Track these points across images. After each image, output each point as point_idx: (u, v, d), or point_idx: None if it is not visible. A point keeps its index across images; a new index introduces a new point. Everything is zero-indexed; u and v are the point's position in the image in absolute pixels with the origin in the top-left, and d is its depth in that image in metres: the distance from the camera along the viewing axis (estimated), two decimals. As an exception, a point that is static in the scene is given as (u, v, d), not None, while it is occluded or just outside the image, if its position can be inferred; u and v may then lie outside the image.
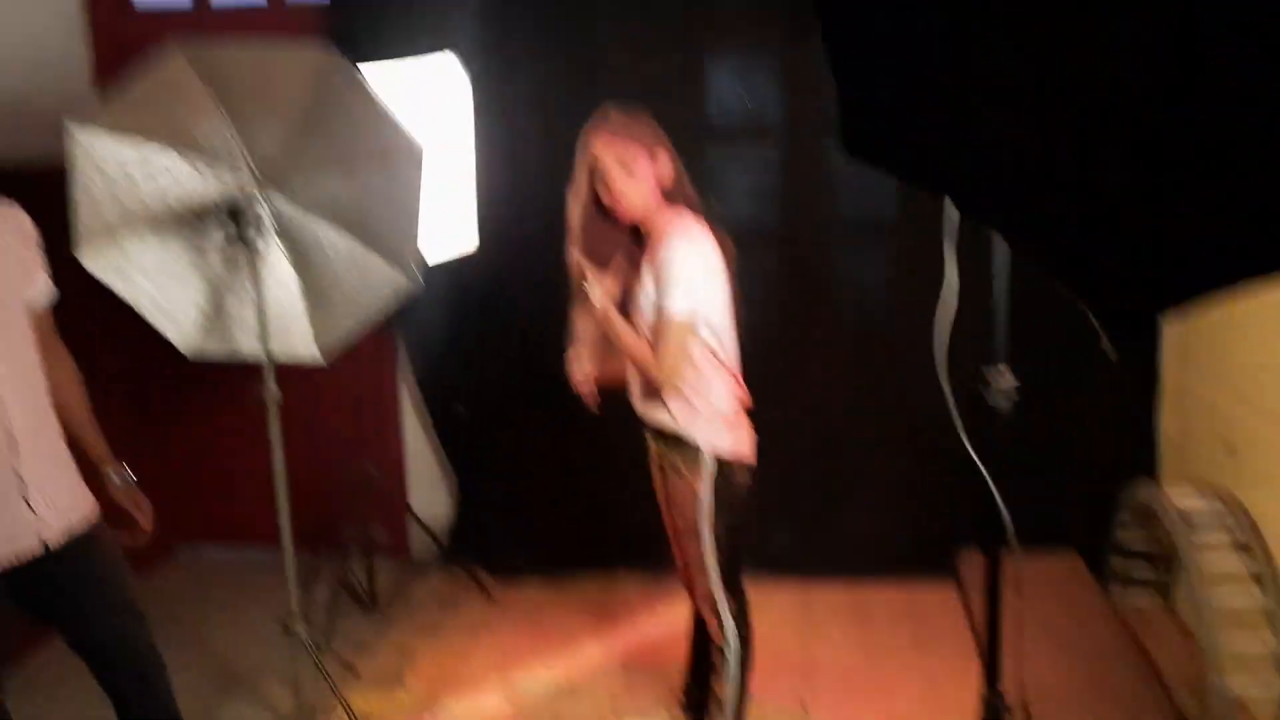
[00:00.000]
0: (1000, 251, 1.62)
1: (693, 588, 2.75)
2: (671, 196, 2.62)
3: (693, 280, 2.51)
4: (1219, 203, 0.81)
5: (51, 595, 2.29)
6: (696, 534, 2.64)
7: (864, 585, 4.01)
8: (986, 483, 3.72)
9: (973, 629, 3.60)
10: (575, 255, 2.72)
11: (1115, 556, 3.71)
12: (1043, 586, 2.83)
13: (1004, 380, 1.66)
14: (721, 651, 2.70)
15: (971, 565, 3.90)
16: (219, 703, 3.36)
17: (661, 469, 2.75)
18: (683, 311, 2.50)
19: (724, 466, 2.62)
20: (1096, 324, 0.89)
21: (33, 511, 2.20)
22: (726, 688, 2.72)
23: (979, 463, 1.61)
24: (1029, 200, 0.96)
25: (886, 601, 3.90)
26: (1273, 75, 0.74)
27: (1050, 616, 3.22)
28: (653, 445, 2.76)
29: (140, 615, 2.44)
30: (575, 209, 2.68)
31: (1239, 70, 0.75)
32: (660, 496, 2.81)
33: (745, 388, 2.72)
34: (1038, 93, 0.85)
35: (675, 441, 2.64)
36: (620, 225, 2.66)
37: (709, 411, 2.62)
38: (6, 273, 2.20)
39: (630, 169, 2.55)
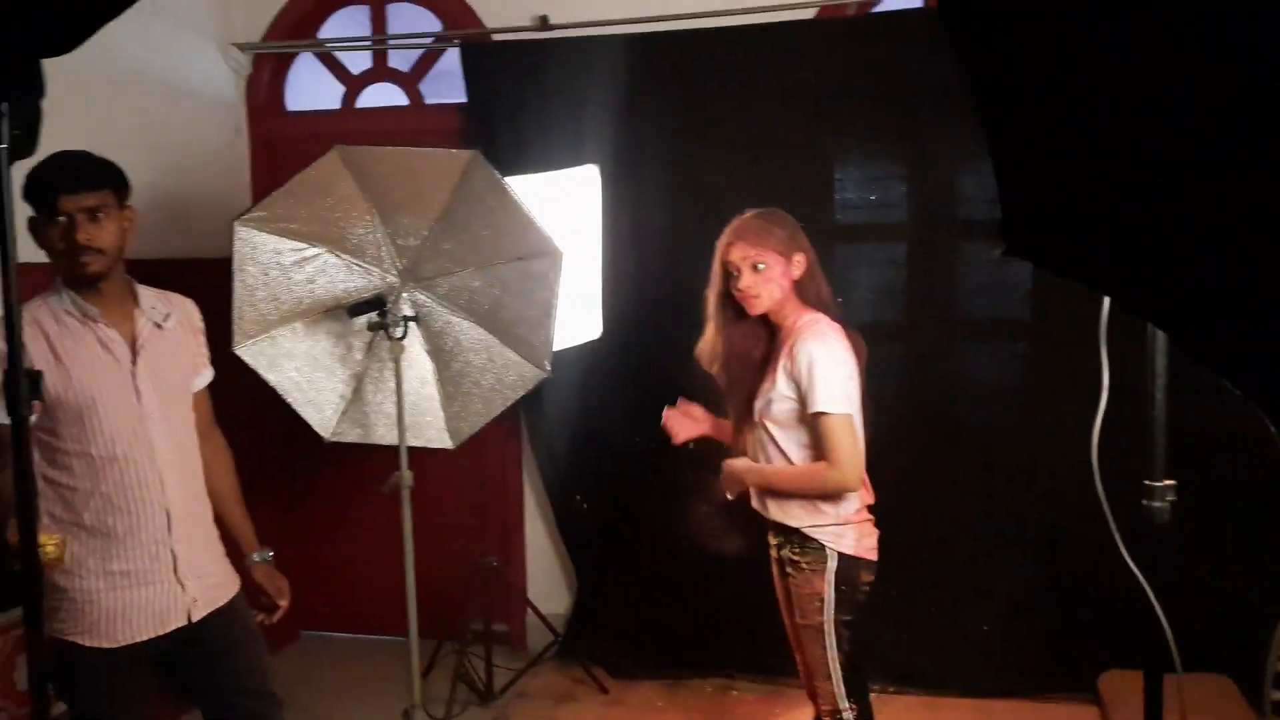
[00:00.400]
0: (1160, 353, 1.57)
1: (814, 693, 2.68)
2: (805, 297, 2.65)
3: (841, 378, 2.54)
4: None
5: (192, 667, 2.38)
6: (819, 633, 2.59)
7: (995, 704, 3.83)
8: (1144, 596, 3.57)
9: (1115, 754, 3.39)
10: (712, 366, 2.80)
11: (1271, 686, 3.46)
12: (1195, 710, 2.66)
13: (1164, 491, 1.59)
14: None
15: (1114, 686, 3.69)
16: (338, 788, 3.38)
17: (781, 565, 2.72)
18: (843, 409, 2.52)
19: (847, 563, 2.58)
20: (1275, 430, 0.86)
21: (181, 586, 2.29)
22: None
23: (1139, 575, 1.53)
24: (1201, 297, 0.94)
25: (1020, 720, 3.72)
26: None
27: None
28: (773, 541, 2.73)
29: (275, 699, 2.50)
30: (711, 301, 2.74)
31: None
32: (780, 595, 2.77)
33: (870, 485, 2.69)
34: (1212, 188, 0.84)
35: (798, 537, 2.62)
36: (750, 320, 2.70)
37: (833, 508, 2.60)
38: (179, 361, 2.35)
39: (760, 267, 2.60)
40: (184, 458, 2.33)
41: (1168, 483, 1.60)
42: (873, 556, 2.65)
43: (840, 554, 2.57)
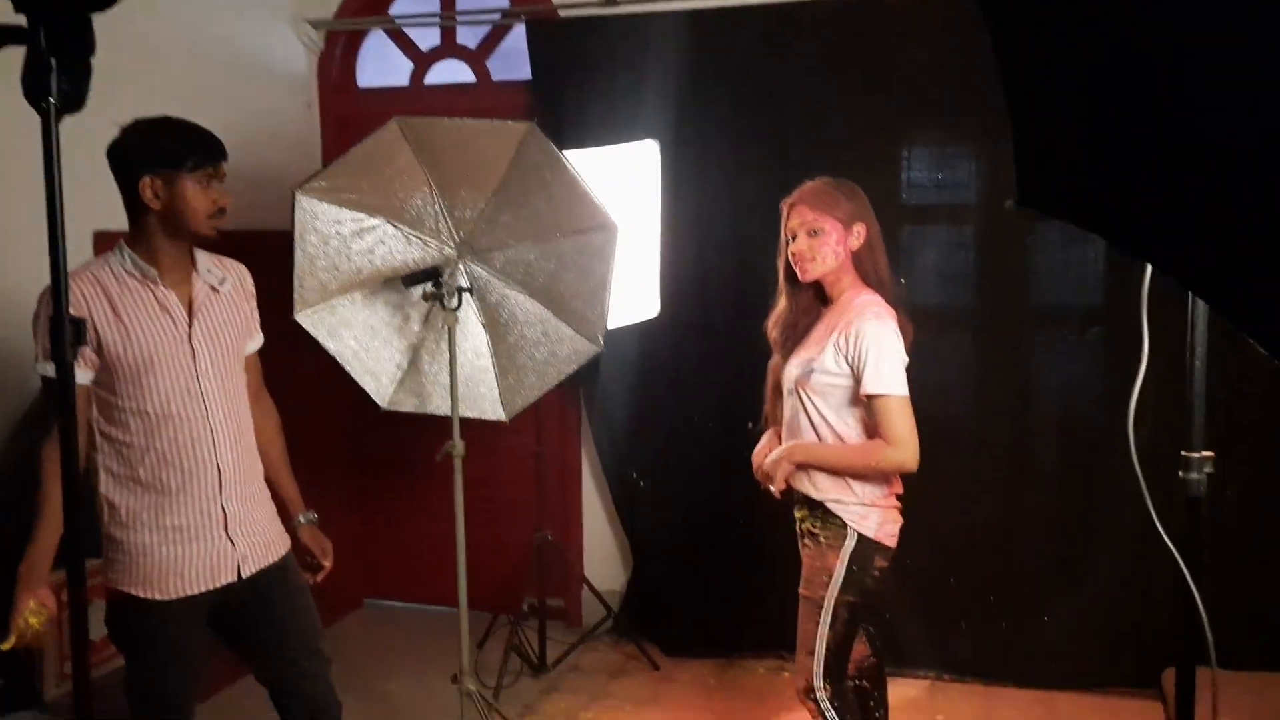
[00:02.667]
0: (1200, 320, 1.51)
1: (797, 672, 2.65)
2: (863, 271, 2.62)
3: (899, 361, 2.52)
4: None
5: (243, 623, 2.44)
6: (818, 607, 2.57)
7: (1055, 695, 3.74)
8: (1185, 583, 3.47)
9: (1176, 752, 3.28)
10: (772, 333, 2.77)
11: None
12: (1243, 705, 2.56)
13: (1202, 463, 1.53)
14: None
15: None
16: (390, 751, 3.45)
17: (801, 537, 2.70)
18: (902, 391, 2.50)
19: (865, 545, 2.56)
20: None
21: (231, 543, 2.36)
22: None
23: (1174, 551, 1.47)
24: (1233, 259, 0.90)
25: (1079, 713, 3.63)
26: None
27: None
28: (798, 514, 2.71)
29: (324, 656, 2.55)
30: (780, 270, 2.73)
31: None
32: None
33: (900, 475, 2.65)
34: (1248, 144, 0.79)
35: (822, 511, 2.60)
36: (806, 288, 2.69)
37: (861, 489, 2.57)
38: (233, 324, 2.41)
39: (816, 231, 2.57)
40: (236, 418, 2.39)
41: (1205, 454, 1.53)
42: (891, 544, 2.61)
43: (860, 535, 2.56)
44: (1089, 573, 3.76)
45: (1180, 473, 1.56)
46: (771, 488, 2.65)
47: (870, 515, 2.57)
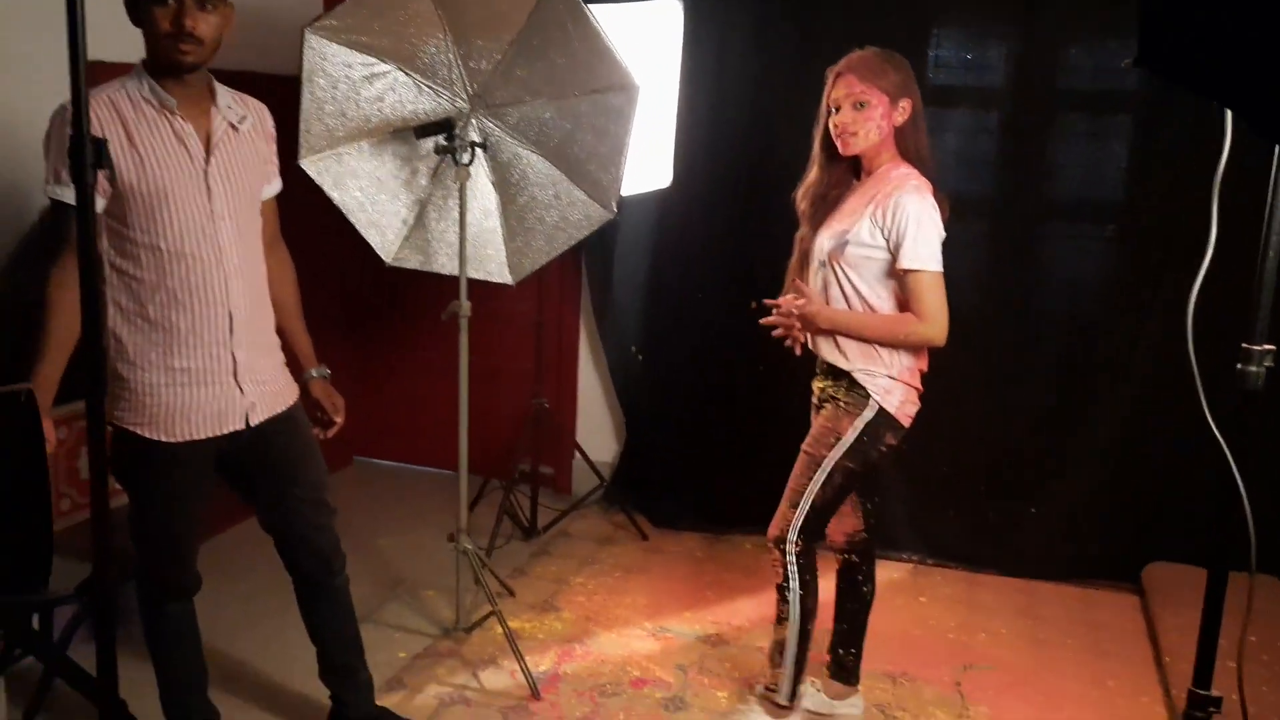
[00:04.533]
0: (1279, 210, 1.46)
1: (774, 521, 2.69)
2: (904, 147, 2.56)
3: (936, 237, 2.48)
4: None
5: (250, 471, 2.41)
6: (816, 464, 2.60)
7: (1037, 585, 3.83)
8: (1199, 490, 3.48)
9: (1153, 640, 3.38)
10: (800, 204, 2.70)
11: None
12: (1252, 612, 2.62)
13: (1263, 356, 1.50)
14: (782, 593, 2.68)
15: (1157, 578, 3.66)
16: (380, 603, 3.49)
17: (819, 404, 2.70)
18: (937, 267, 2.48)
19: (882, 419, 2.56)
20: None
21: (240, 390, 2.31)
22: (788, 630, 2.69)
23: (1225, 446, 1.45)
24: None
25: (1060, 603, 3.71)
26: None
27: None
28: (818, 385, 2.71)
29: (330, 507, 2.54)
30: (817, 140, 2.65)
31: None
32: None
33: (928, 353, 2.63)
34: None
35: (848, 381, 2.59)
36: (843, 162, 2.62)
37: (890, 362, 2.56)
38: (251, 166, 2.31)
39: (862, 104, 2.50)
40: (250, 263, 2.31)
41: (1267, 347, 1.50)
42: (906, 423, 2.62)
43: (881, 408, 2.56)
44: (1078, 467, 3.80)
45: (1239, 365, 1.53)
46: (793, 338, 2.64)
47: (895, 390, 2.56)
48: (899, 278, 2.51)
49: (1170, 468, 3.68)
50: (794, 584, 2.67)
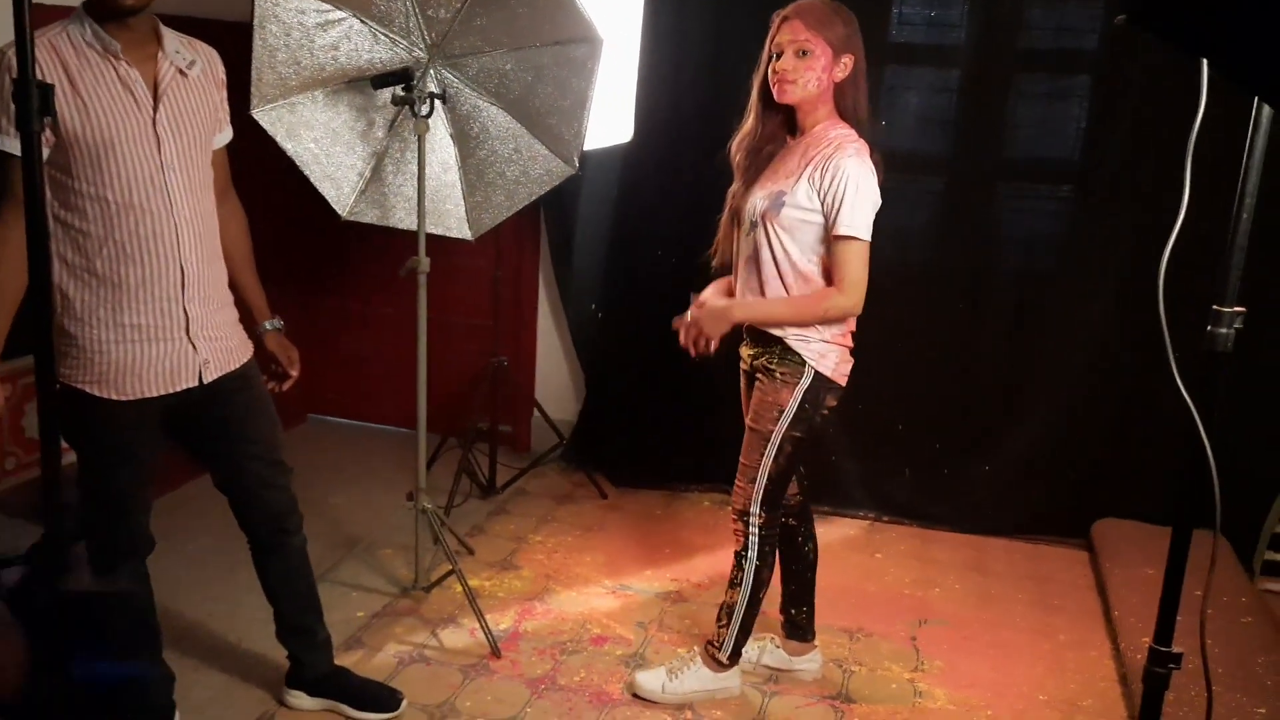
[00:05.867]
0: (1255, 170, 1.46)
1: (735, 495, 2.70)
2: (842, 105, 2.51)
3: (871, 205, 2.45)
4: None
5: (204, 429, 2.36)
6: (764, 440, 2.59)
7: (989, 541, 3.90)
8: (1154, 447, 3.54)
9: (1101, 594, 3.46)
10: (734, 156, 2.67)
11: (1265, 545, 3.51)
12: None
13: (1232, 318, 1.51)
14: (739, 560, 2.69)
15: (1106, 533, 3.74)
16: (337, 562, 3.46)
17: (751, 375, 2.69)
18: (868, 234, 2.45)
19: (820, 383, 2.55)
20: None
21: (193, 346, 2.25)
22: (738, 595, 2.71)
23: (1192, 407, 1.46)
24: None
25: (1011, 558, 3.78)
26: None
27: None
28: (747, 351, 2.69)
29: (285, 466, 2.49)
30: (755, 86, 2.60)
31: None
32: (745, 403, 2.77)
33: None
34: None
35: (781, 349, 2.56)
36: (780, 112, 2.57)
37: (825, 326, 2.54)
38: (201, 113, 2.22)
39: (805, 52, 2.44)
40: (201, 215, 2.24)
41: (1237, 309, 1.51)
42: (843, 383, 2.61)
43: (817, 373, 2.54)
44: (1030, 426, 3.86)
45: (1209, 326, 1.54)
46: (698, 346, 2.60)
47: (830, 354, 2.55)
48: (828, 243, 2.49)
49: (1120, 426, 3.75)
50: (752, 554, 2.67)
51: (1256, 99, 1.40)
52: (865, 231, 2.44)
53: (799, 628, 2.92)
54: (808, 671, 2.93)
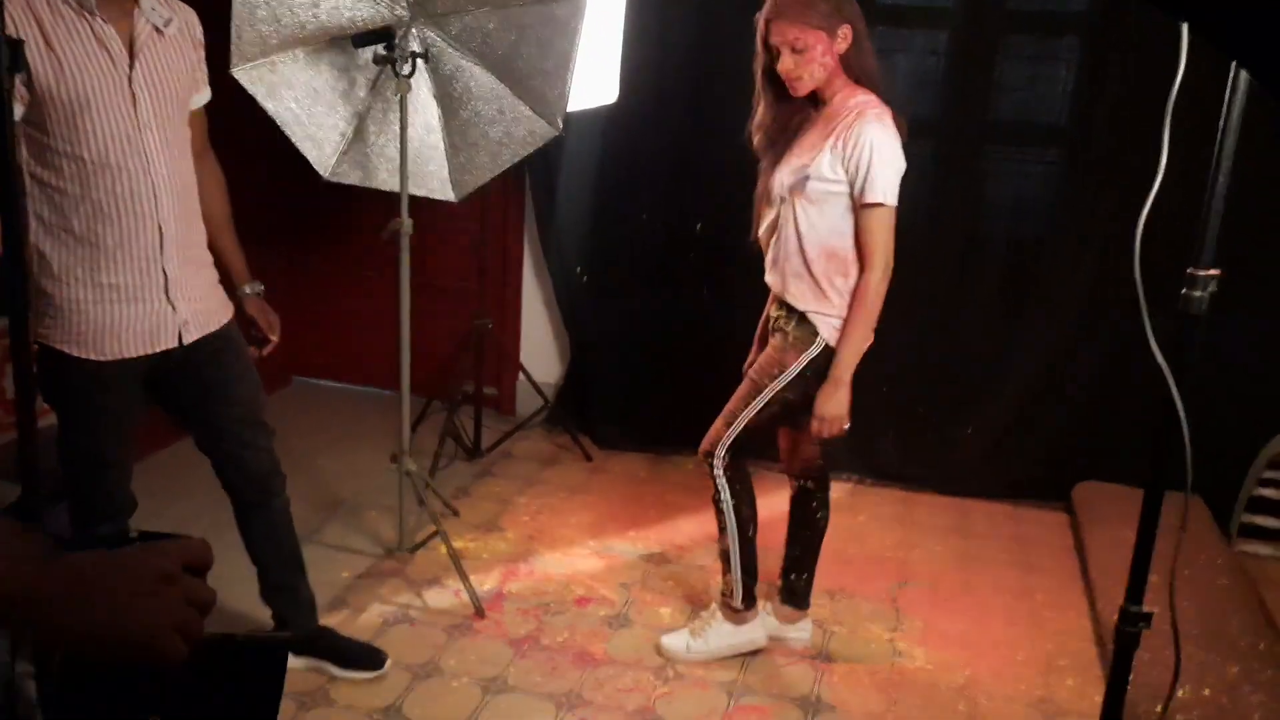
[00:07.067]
0: (1231, 134, 1.46)
1: (707, 436, 2.75)
2: (852, 71, 2.51)
3: (897, 170, 2.46)
4: None
5: (184, 390, 2.36)
6: (756, 390, 2.64)
7: (970, 503, 3.93)
8: (1130, 412, 3.57)
9: (1080, 556, 3.49)
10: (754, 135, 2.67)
11: (1242, 508, 3.55)
12: (1163, 529, 2.71)
13: (1207, 281, 1.52)
14: (716, 504, 2.76)
15: (1086, 496, 3.77)
16: (321, 524, 3.47)
17: (769, 328, 2.73)
18: (894, 200, 2.46)
19: (826, 356, 2.58)
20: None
21: (172, 307, 2.24)
22: (728, 538, 2.77)
23: (1165, 368, 1.48)
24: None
25: (992, 521, 3.82)
26: None
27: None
28: (774, 313, 2.72)
29: (267, 428, 2.50)
30: (758, 76, 2.60)
31: None
32: (753, 354, 2.82)
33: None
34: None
35: (799, 317, 2.60)
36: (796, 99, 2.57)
37: (841, 306, 2.56)
38: (177, 72, 2.20)
39: (801, 50, 2.45)
40: (179, 175, 2.22)
41: (1212, 272, 1.52)
42: None
43: (827, 345, 2.57)
44: (1013, 389, 3.88)
45: (1184, 289, 1.55)
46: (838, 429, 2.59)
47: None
48: (854, 211, 2.50)
49: (1102, 390, 3.77)
50: (725, 495, 2.73)
51: (1234, 63, 1.40)
52: (891, 197, 2.46)
53: (796, 594, 2.93)
54: (798, 640, 2.94)
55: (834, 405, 2.55)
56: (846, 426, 2.59)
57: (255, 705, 0.96)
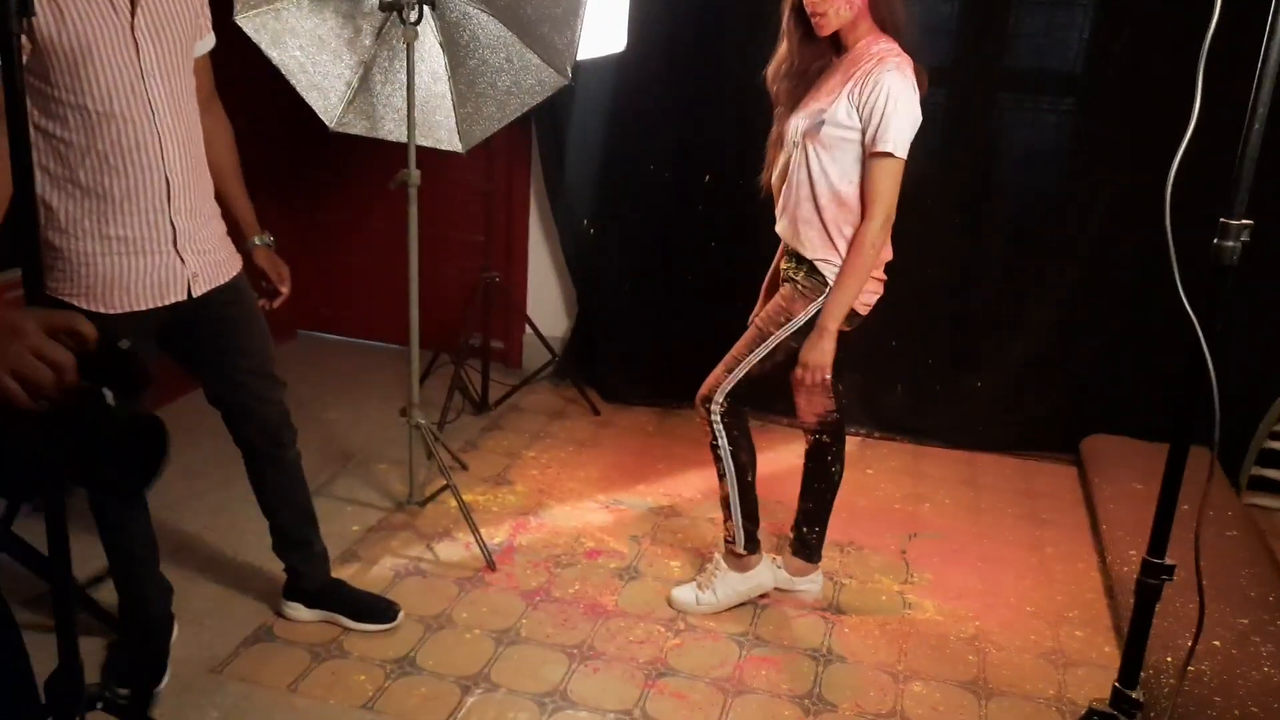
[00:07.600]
0: (1269, 79, 1.42)
1: (706, 382, 2.75)
2: (878, 15, 2.47)
3: (912, 121, 2.43)
4: None
5: (195, 342, 2.34)
6: (762, 338, 2.63)
7: (979, 456, 3.93)
8: (1140, 365, 3.55)
9: (1090, 509, 3.50)
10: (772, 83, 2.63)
11: (1252, 461, 3.55)
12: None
13: (1240, 230, 1.49)
14: (714, 451, 2.76)
15: (1095, 449, 3.77)
16: (331, 477, 3.47)
17: (779, 276, 2.72)
18: (904, 152, 2.43)
19: None
20: None
21: (181, 259, 2.21)
22: (727, 484, 2.78)
23: (1194, 319, 1.45)
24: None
25: (1001, 473, 3.82)
26: None
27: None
28: (785, 265, 2.70)
29: (278, 380, 2.48)
30: (785, 16, 2.56)
31: None
32: (760, 304, 2.81)
33: (891, 242, 2.60)
34: None
35: (809, 266, 2.58)
36: (819, 39, 2.53)
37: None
38: (180, 18, 2.15)
39: None
40: (185, 124, 2.18)
41: (1245, 222, 1.49)
42: (863, 311, 2.63)
43: None
44: (1022, 341, 3.86)
45: (1215, 239, 1.52)
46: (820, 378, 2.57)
47: None
48: (863, 159, 2.46)
49: (1111, 343, 3.75)
50: (722, 440, 2.73)
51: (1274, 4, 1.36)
52: (901, 149, 2.42)
53: (807, 547, 2.93)
54: (809, 593, 2.95)
55: (818, 354, 2.54)
56: (828, 376, 2.58)
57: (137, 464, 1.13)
